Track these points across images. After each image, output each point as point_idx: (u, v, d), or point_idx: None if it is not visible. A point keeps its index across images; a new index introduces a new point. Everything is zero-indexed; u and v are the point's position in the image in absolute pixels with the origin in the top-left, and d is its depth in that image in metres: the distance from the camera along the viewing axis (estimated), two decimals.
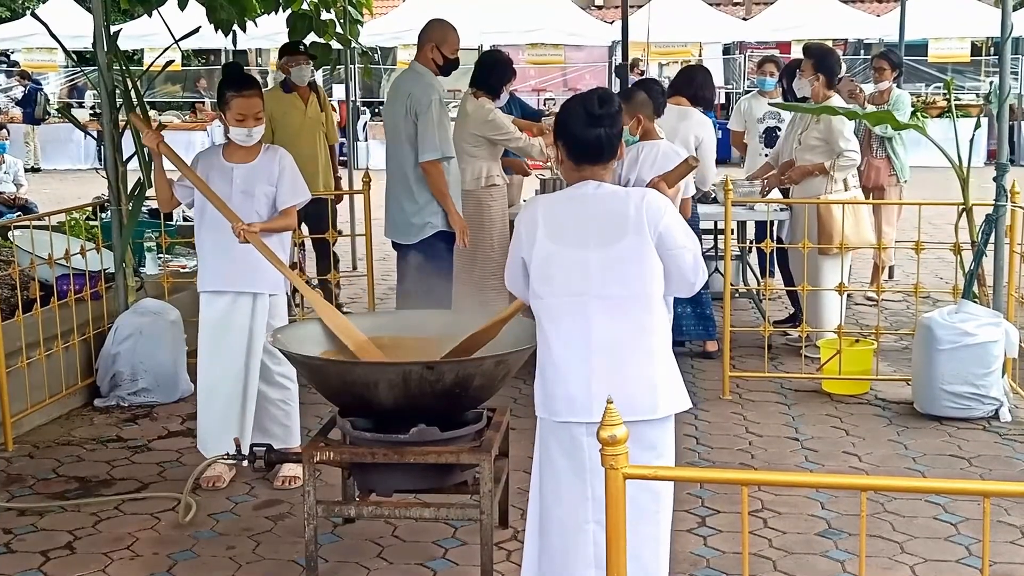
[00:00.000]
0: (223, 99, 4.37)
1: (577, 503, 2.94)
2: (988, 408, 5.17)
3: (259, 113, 4.36)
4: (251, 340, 4.40)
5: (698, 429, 5.09)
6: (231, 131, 4.37)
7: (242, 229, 4.19)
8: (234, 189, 4.33)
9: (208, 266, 4.45)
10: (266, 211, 4.37)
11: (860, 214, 6.25)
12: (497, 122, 6.08)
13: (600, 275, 2.90)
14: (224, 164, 4.41)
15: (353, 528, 4.04)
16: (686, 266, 2.94)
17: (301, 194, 4.48)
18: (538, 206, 3.03)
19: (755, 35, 19.73)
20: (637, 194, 2.98)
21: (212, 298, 4.44)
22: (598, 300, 2.90)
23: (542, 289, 2.97)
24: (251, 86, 4.43)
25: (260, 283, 4.38)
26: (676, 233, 2.93)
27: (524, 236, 3.01)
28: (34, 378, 5.17)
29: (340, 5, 7.83)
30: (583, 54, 22.05)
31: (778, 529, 4.03)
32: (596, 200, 2.96)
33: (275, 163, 4.42)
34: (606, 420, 2.08)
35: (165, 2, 6.39)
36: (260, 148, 4.45)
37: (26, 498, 4.39)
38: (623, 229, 2.90)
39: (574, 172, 3.02)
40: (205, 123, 18.57)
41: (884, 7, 23.08)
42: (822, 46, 6.90)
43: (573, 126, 2.99)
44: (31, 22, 16.11)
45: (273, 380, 4.53)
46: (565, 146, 3.01)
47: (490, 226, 6.18)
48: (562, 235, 2.94)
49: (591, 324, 2.89)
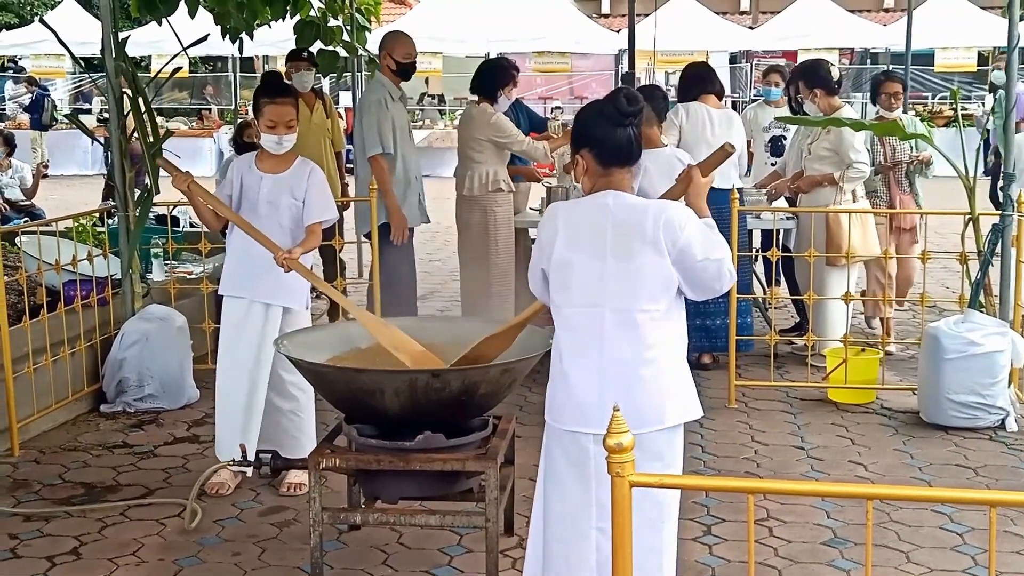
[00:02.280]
0: (256, 106, 4.40)
1: (581, 510, 2.93)
2: (994, 418, 5.16)
3: (291, 121, 4.38)
4: (260, 349, 4.40)
5: (704, 438, 5.08)
6: (262, 138, 4.40)
7: (284, 258, 4.20)
8: (261, 198, 4.36)
9: (230, 270, 4.49)
10: (288, 223, 4.37)
11: (868, 225, 6.25)
12: (500, 125, 6.12)
13: (615, 287, 2.88)
14: (255, 172, 4.43)
15: (358, 535, 4.04)
16: (708, 277, 2.90)
17: (329, 212, 4.48)
18: (559, 214, 2.99)
19: (761, 44, 19.74)
20: (656, 207, 2.92)
21: (232, 302, 4.48)
22: (612, 312, 2.88)
23: (559, 297, 2.96)
24: (285, 94, 4.46)
25: (275, 294, 4.40)
26: (696, 247, 2.87)
27: (544, 244, 2.98)
28: (40, 384, 5.18)
29: (348, 12, 7.86)
30: (589, 62, 22.09)
31: (784, 538, 4.02)
32: (615, 211, 2.92)
33: (304, 178, 4.42)
34: (612, 428, 2.07)
35: (175, 11, 6.41)
36: (293, 159, 4.46)
37: (32, 503, 4.40)
38: (640, 242, 2.87)
39: (601, 178, 2.95)
40: (212, 130, 18.62)
41: (891, 16, 23.10)
42: (804, 63, 6.95)
43: (603, 128, 2.92)
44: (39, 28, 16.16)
45: (285, 391, 4.53)
46: (593, 151, 2.93)
47: (495, 232, 6.19)
48: (580, 244, 2.92)
49: (604, 335, 2.88)
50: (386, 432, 3.56)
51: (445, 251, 10.10)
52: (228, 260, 4.52)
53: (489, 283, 6.22)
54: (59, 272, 5.46)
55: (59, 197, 14.26)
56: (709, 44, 19.68)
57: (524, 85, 7.11)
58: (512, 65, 6.77)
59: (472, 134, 6.17)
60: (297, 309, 4.48)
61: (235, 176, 4.43)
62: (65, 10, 19.17)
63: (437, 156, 17.15)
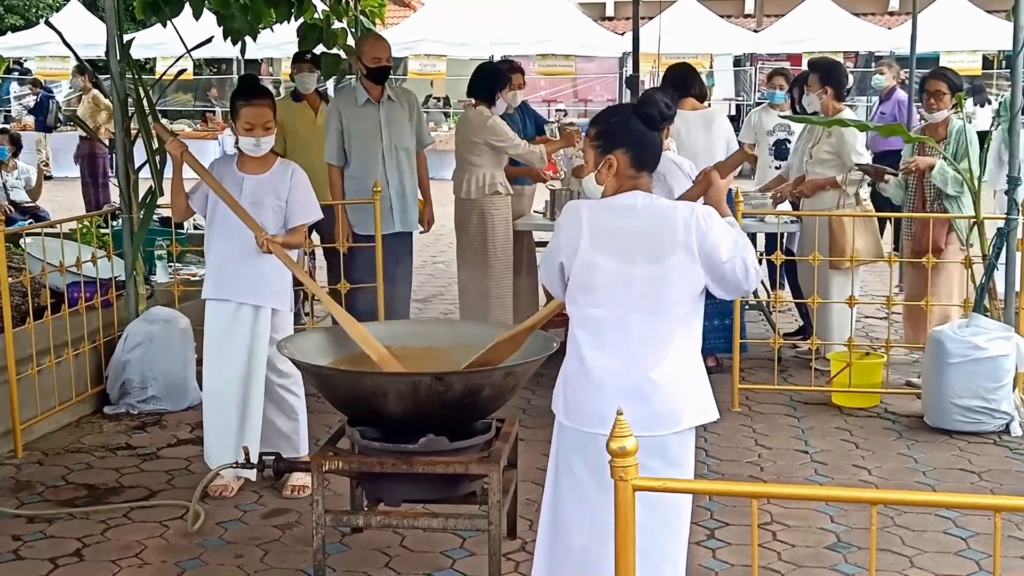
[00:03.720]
0: (234, 108, 4.39)
1: (603, 516, 2.88)
2: (999, 422, 5.15)
3: (268, 123, 4.36)
4: (252, 351, 4.39)
5: (707, 441, 5.08)
6: (240, 140, 4.38)
7: (265, 239, 4.21)
8: (243, 199, 4.33)
9: (213, 274, 4.47)
10: (272, 224, 4.35)
11: (871, 228, 6.24)
12: (496, 128, 6.11)
13: (642, 290, 2.86)
14: (236, 173, 4.41)
15: (361, 538, 4.04)
16: (738, 276, 2.89)
17: (312, 212, 4.49)
18: (582, 212, 2.95)
19: (766, 47, 19.75)
20: (685, 208, 2.91)
21: (216, 306, 4.45)
22: (638, 315, 2.86)
23: (582, 298, 2.93)
24: (260, 96, 4.43)
25: (263, 296, 4.39)
26: (723, 247, 2.87)
27: (564, 241, 2.95)
28: (44, 385, 5.18)
29: (351, 15, 7.87)
30: (594, 65, 22.11)
31: (787, 542, 4.01)
32: (645, 213, 2.90)
33: (287, 178, 4.42)
34: (616, 431, 2.07)
35: (180, 13, 6.43)
36: (274, 161, 4.46)
37: (35, 505, 4.40)
38: (671, 246, 2.85)
39: (629, 180, 2.93)
40: (216, 132, 18.65)
41: (896, 20, 23.08)
42: (826, 59, 6.86)
43: (640, 132, 2.93)
44: (44, 30, 16.24)
45: (276, 394, 4.52)
46: (629, 152, 2.92)
47: (492, 235, 6.19)
48: (608, 246, 2.90)
49: (627, 337, 2.86)
50: (389, 435, 3.56)
51: (449, 254, 10.09)
52: (210, 263, 4.50)
53: (487, 286, 6.22)
54: (63, 274, 5.46)
55: (63, 199, 14.29)
56: (713, 47, 19.70)
57: (528, 88, 7.07)
58: (513, 67, 6.76)
59: (469, 137, 6.17)
60: (284, 311, 4.48)
61: (216, 176, 4.40)
62: (70, 12, 19.23)
63: (441, 159, 17.16)
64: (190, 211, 4.53)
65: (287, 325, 4.51)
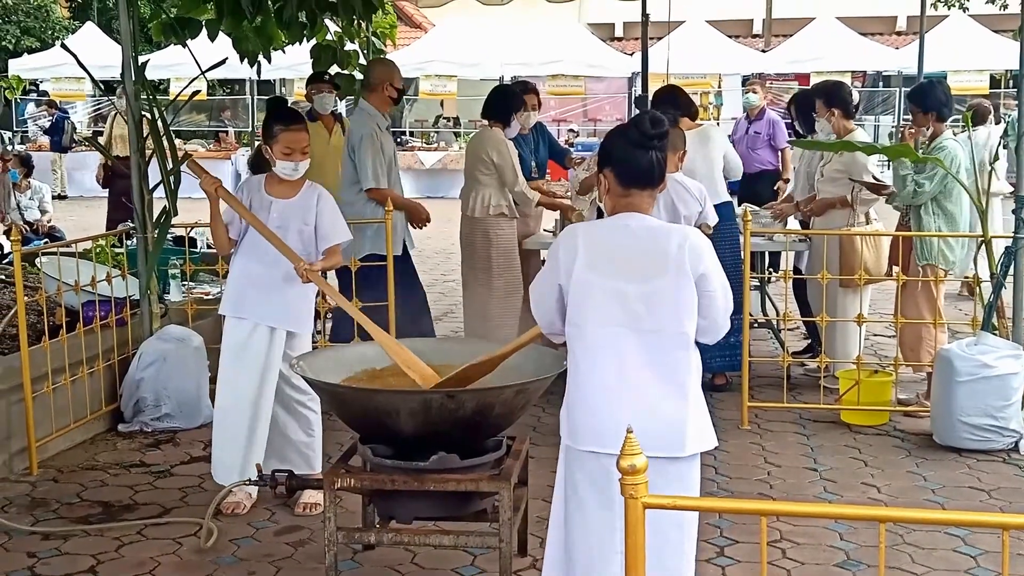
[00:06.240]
0: (270, 133, 4.40)
1: (605, 533, 2.91)
2: (1008, 440, 5.15)
3: (306, 147, 4.41)
4: (265, 372, 4.42)
5: (717, 459, 5.09)
6: (277, 165, 4.40)
7: (305, 269, 4.24)
8: (270, 223, 4.36)
9: (233, 291, 4.50)
10: (297, 248, 4.37)
11: (881, 247, 6.25)
12: (504, 153, 6.16)
13: (637, 309, 2.89)
14: (264, 196, 4.45)
15: (373, 555, 4.06)
16: (719, 308, 2.92)
17: (342, 234, 4.51)
18: (578, 234, 3.00)
19: (774, 67, 19.80)
20: (679, 232, 2.95)
21: (234, 323, 4.49)
22: (634, 334, 2.89)
23: (578, 318, 2.95)
24: (298, 120, 4.50)
25: (280, 318, 4.42)
26: (714, 277, 2.91)
27: (562, 263, 2.98)
28: (59, 403, 5.23)
29: (363, 36, 7.95)
30: (603, 85, 22.21)
31: (796, 560, 4.03)
32: (638, 234, 2.94)
33: (313, 203, 4.44)
34: (626, 450, 2.09)
35: (198, 35, 6.50)
36: (303, 184, 4.48)
37: (50, 522, 4.43)
38: (664, 266, 2.88)
39: (621, 198, 2.98)
40: (229, 152, 18.76)
41: (903, 40, 23.13)
42: (827, 83, 6.91)
43: (624, 149, 2.96)
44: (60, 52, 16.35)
45: (295, 409, 4.56)
46: (614, 171, 2.97)
47: (496, 256, 6.23)
48: (602, 266, 2.93)
49: (625, 357, 2.89)
50: (401, 452, 3.58)
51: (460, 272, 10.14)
52: (231, 280, 4.53)
53: (489, 306, 6.26)
54: (78, 293, 5.51)
55: (78, 218, 14.39)
56: (722, 67, 19.78)
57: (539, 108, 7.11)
58: (528, 89, 6.81)
59: (480, 155, 6.23)
60: (301, 334, 4.51)
61: (244, 198, 4.44)
62: (86, 34, 19.42)
63: (452, 178, 17.24)
64: (232, 243, 4.50)
65: (305, 346, 4.53)
